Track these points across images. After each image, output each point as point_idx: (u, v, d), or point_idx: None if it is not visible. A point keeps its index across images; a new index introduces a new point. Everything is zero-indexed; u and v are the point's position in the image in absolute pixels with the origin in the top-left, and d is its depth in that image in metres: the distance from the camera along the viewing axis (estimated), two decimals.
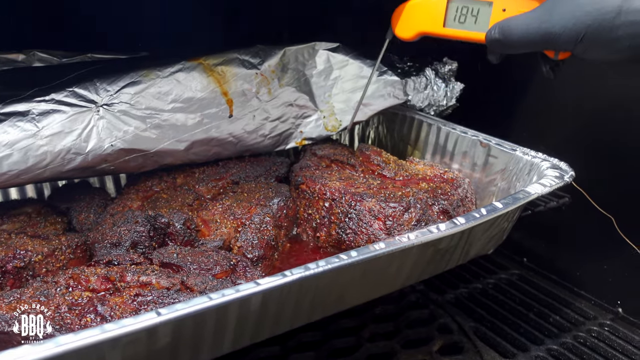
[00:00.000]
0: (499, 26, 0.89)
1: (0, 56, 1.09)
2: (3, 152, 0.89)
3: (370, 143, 1.51)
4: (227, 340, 0.74)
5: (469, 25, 0.97)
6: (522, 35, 0.86)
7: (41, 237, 0.91)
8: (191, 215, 0.97)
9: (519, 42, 0.87)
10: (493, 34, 0.90)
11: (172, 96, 1.05)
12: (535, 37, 0.84)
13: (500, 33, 0.89)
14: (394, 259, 0.82)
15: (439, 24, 1.00)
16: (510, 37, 0.87)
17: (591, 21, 0.77)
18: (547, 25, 0.82)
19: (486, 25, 0.94)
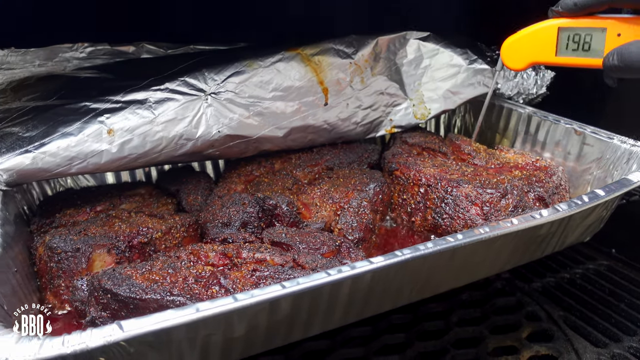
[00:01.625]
0: (617, 52, 0.86)
1: (114, 48, 1.18)
2: (125, 137, 0.97)
3: (456, 132, 1.52)
4: (337, 316, 0.78)
5: (582, 52, 0.97)
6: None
7: (157, 216, 0.99)
8: (292, 199, 1.02)
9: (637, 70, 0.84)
10: (611, 61, 0.87)
11: (272, 85, 1.11)
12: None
13: (620, 60, 0.86)
14: (495, 243, 0.84)
15: (551, 53, 1.01)
16: (631, 64, 0.84)
17: None
18: None
19: (601, 51, 0.94)
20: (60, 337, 0.59)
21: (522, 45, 1.04)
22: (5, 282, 0.72)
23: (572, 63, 0.99)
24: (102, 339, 0.59)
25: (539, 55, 1.02)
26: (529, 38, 1.02)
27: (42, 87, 1.03)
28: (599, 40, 0.94)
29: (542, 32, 1.01)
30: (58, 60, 1.13)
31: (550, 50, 1.00)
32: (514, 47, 1.05)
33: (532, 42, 1.02)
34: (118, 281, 0.75)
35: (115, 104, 0.99)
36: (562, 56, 1.00)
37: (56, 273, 0.85)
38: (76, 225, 0.94)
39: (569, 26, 0.97)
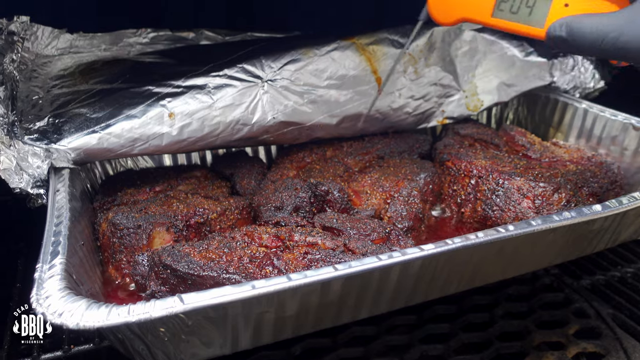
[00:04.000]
0: (566, 24, 0.76)
1: (175, 34, 1.22)
2: (185, 121, 1.01)
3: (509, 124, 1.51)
4: (385, 301, 0.80)
5: (522, 16, 0.84)
6: (594, 41, 0.73)
7: (212, 198, 1.02)
8: (343, 186, 1.04)
9: (589, 47, 0.75)
10: (558, 32, 0.77)
11: (327, 73, 1.13)
12: (610, 48, 0.72)
13: (569, 33, 0.76)
14: (546, 237, 0.84)
15: (486, 12, 0.87)
16: (579, 39, 0.75)
17: None
18: (628, 39, 0.70)
19: (542, 19, 0.82)
20: (126, 306, 0.63)
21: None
22: (74, 253, 0.77)
23: (507, 27, 0.86)
24: (165, 310, 0.62)
25: (473, 11, 0.88)
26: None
27: (108, 71, 1.08)
28: (543, 6, 0.82)
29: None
30: (122, 45, 1.18)
31: (486, 8, 0.87)
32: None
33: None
34: (177, 258, 0.79)
35: (177, 88, 1.03)
36: (498, 17, 0.86)
37: (118, 248, 0.90)
38: (137, 204, 0.98)
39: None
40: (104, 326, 0.61)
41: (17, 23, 1.06)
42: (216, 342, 0.71)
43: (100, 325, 0.61)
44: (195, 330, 0.67)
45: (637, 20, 0.69)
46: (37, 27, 1.10)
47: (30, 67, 1.08)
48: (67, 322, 0.61)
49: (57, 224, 0.81)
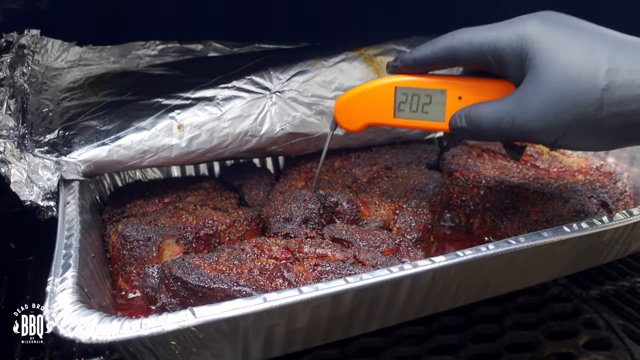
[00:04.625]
0: (465, 115, 0.79)
1: (183, 46, 1.23)
2: (193, 133, 1.01)
3: None
4: (395, 313, 0.80)
5: (422, 114, 0.86)
6: (494, 128, 0.75)
7: (221, 209, 1.03)
8: (352, 197, 1.04)
9: (490, 133, 0.77)
10: (459, 123, 0.80)
11: (335, 84, 1.13)
12: (508, 131, 0.74)
13: (469, 123, 0.79)
14: (556, 248, 0.84)
15: (388, 114, 0.89)
16: (480, 127, 0.77)
17: (571, 118, 0.68)
18: (521, 122, 0.72)
19: (442, 114, 0.85)
20: (138, 320, 0.63)
21: (356, 104, 0.91)
22: (85, 266, 0.77)
23: (411, 125, 0.88)
24: (177, 324, 0.62)
25: (376, 116, 0.90)
26: (364, 97, 0.90)
27: (117, 83, 1.09)
28: (439, 102, 0.84)
29: (378, 90, 0.88)
30: (131, 57, 1.19)
31: (387, 111, 0.88)
32: (348, 106, 0.92)
33: (368, 101, 0.90)
34: (188, 270, 0.79)
35: (186, 100, 1.03)
36: (400, 118, 0.88)
37: (128, 260, 0.90)
38: (146, 216, 0.99)
39: (407, 85, 0.86)
40: (117, 340, 0.61)
41: (28, 36, 1.07)
42: (227, 355, 0.71)
43: (113, 339, 0.61)
44: (207, 344, 0.67)
45: (522, 105, 0.72)
46: (47, 40, 1.11)
47: (40, 80, 1.08)
48: (80, 336, 0.62)
49: (68, 236, 0.81)
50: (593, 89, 0.67)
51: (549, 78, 0.69)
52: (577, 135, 0.70)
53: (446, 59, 0.80)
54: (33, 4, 0.97)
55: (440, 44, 0.80)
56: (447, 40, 0.79)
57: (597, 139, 0.71)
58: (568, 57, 0.69)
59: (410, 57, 0.84)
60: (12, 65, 1.03)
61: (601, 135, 0.70)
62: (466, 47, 0.77)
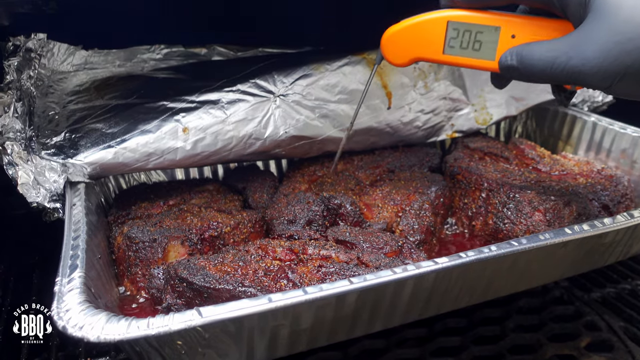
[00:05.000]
0: (517, 53, 0.78)
1: (188, 50, 1.24)
2: (198, 136, 1.02)
3: (518, 137, 1.52)
4: (399, 314, 0.80)
5: (472, 51, 0.86)
6: (545, 68, 0.74)
7: (225, 211, 1.03)
8: (355, 199, 1.05)
9: (540, 74, 0.75)
10: (509, 61, 0.79)
11: (338, 88, 1.14)
12: (561, 72, 0.72)
13: (519, 61, 0.77)
14: (558, 250, 0.85)
15: (437, 49, 0.88)
16: (531, 68, 0.76)
17: (632, 61, 0.67)
18: (576, 62, 0.70)
19: (492, 52, 0.84)
20: (145, 320, 0.64)
21: (405, 37, 0.89)
22: (92, 267, 0.78)
23: (460, 63, 0.87)
24: (183, 323, 0.63)
25: (425, 50, 0.88)
26: (414, 30, 0.88)
27: (123, 87, 1.10)
28: (492, 39, 0.83)
29: (429, 24, 0.87)
30: (136, 60, 1.20)
31: (437, 46, 0.87)
32: (397, 39, 0.90)
33: (417, 34, 0.88)
34: (193, 271, 0.80)
35: (190, 103, 1.04)
36: (449, 54, 0.87)
37: (134, 261, 0.91)
38: (151, 218, 1.00)
39: (460, 20, 0.85)
40: (124, 339, 0.62)
41: (35, 40, 1.08)
42: (232, 355, 0.72)
43: (121, 338, 0.62)
44: (212, 344, 0.68)
45: (581, 45, 0.70)
46: (53, 44, 1.12)
47: (47, 83, 1.09)
48: (88, 335, 0.62)
49: (75, 237, 0.82)
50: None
51: (613, 19, 0.67)
52: (633, 81, 0.69)
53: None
54: (40, 8, 0.98)
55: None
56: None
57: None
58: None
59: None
60: (19, 69, 1.05)
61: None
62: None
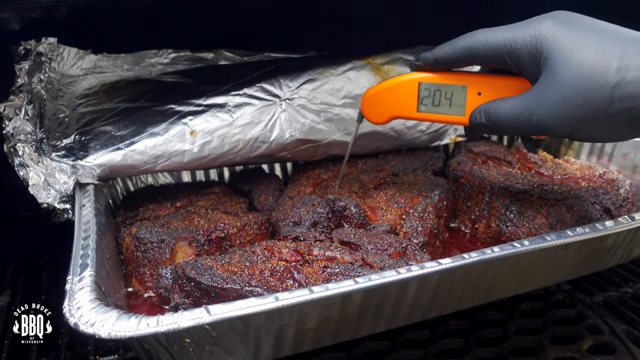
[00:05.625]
0: (484, 111, 0.84)
1: (195, 54, 1.26)
2: (205, 139, 1.04)
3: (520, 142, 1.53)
4: (402, 314, 0.81)
5: (443, 108, 0.91)
6: (511, 124, 0.80)
7: (231, 213, 1.05)
8: (359, 202, 1.07)
9: (508, 129, 0.81)
10: (479, 119, 0.85)
11: (343, 92, 1.16)
12: (527, 126, 0.78)
13: (487, 119, 0.83)
14: (560, 252, 0.86)
15: (412, 108, 0.93)
16: (498, 123, 0.82)
17: (584, 113, 0.72)
18: (537, 118, 0.76)
19: (462, 108, 0.89)
20: (155, 317, 0.65)
21: (382, 98, 0.96)
22: (101, 266, 0.79)
23: (434, 119, 0.93)
24: (192, 321, 0.65)
25: (400, 109, 0.94)
26: (390, 91, 0.95)
27: (131, 90, 1.12)
28: (460, 97, 0.89)
29: (403, 85, 0.93)
30: (144, 65, 1.21)
31: (411, 105, 0.93)
32: (374, 100, 0.96)
33: (393, 95, 0.94)
34: (201, 271, 0.81)
35: (198, 107, 1.06)
36: (423, 112, 0.92)
37: (142, 262, 0.93)
38: (159, 219, 1.01)
39: (430, 81, 0.91)
40: (134, 336, 0.64)
41: (45, 44, 1.10)
42: (238, 353, 0.73)
43: (131, 335, 0.63)
44: (219, 342, 0.69)
45: (539, 102, 0.76)
46: (63, 48, 1.14)
47: (57, 87, 1.11)
48: (100, 332, 0.64)
49: (85, 237, 0.84)
50: (604, 86, 0.70)
51: (562, 76, 0.73)
52: (590, 128, 0.74)
53: (465, 58, 0.84)
54: (51, 13, 1.00)
55: (459, 44, 0.84)
56: (466, 40, 0.83)
57: (610, 131, 0.74)
58: (580, 56, 0.72)
59: (432, 56, 0.88)
60: (30, 72, 1.06)
61: (613, 128, 0.73)
62: (484, 47, 0.80)
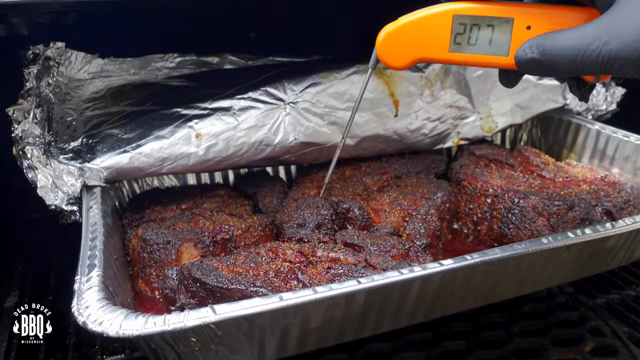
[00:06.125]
0: (537, 44, 0.69)
1: (200, 59, 1.27)
2: (211, 142, 1.05)
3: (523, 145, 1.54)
4: (405, 315, 0.83)
5: (482, 47, 0.76)
6: (575, 57, 0.66)
7: (236, 215, 1.06)
8: (363, 204, 1.08)
9: (569, 65, 0.67)
10: (530, 54, 0.70)
11: (347, 96, 1.17)
12: (594, 60, 0.64)
13: (542, 53, 0.68)
14: (561, 253, 0.87)
15: (443, 47, 0.78)
16: (557, 58, 0.67)
17: None
18: (613, 47, 0.63)
19: (506, 47, 0.75)
20: (161, 316, 0.66)
21: (404, 36, 0.79)
22: (109, 267, 0.81)
23: (469, 61, 0.78)
24: (198, 320, 0.66)
25: (428, 49, 0.78)
26: (414, 27, 0.78)
27: (138, 94, 1.13)
28: (504, 33, 0.74)
29: (432, 19, 0.77)
30: (150, 69, 1.23)
31: (442, 43, 0.77)
32: (395, 38, 0.80)
33: (419, 32, 0.78)
34: (206, 272, 0.82)
35: (203, 110, 1.07)
36: (457, 52, 0.78)
37: (148, 263, 0.94)
38: (165, 221, 1.02)
39: (467, 13, 0.75)
40: (141, 335, 0.65)
41: (53, 49, 1.12)
42: (243, 353, 0.74)
43: (138, 334, 0.65)
44: (225, 341, 0.70)
45: (617, 28, 0.63)
46: (70, 53, 1.16)
47: (64, 90, 1.13)
48: (108, 331, 0.65)
49: (92, 238, 0.85)
50: None
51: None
52: None
53: None
54: (60, 18, 1.02)
55: None
56: None
57: None
58: None
59: None
60: (39, 76, 1.08)
61: None
62: None
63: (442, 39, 0.78)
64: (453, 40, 0.77)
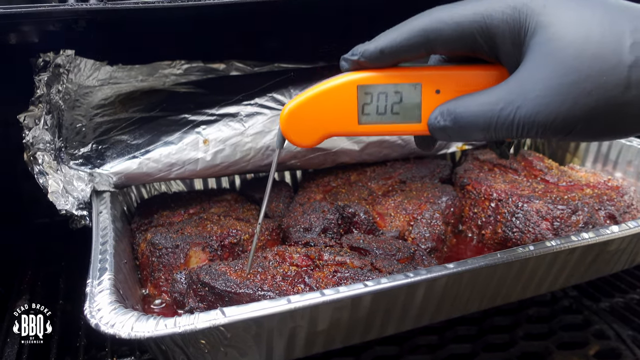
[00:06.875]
0: (447, 111, 0.65)
1: (207, 65, 1.29)
2: (218, 147, 1.07)
3: (526, 150, 1.55)
4: (411, 317, 0.84)
5: (392, 116, 0.71)
6: (488, 123, 0.61)
7: (243, 220, 1.08)
8: (368, 208, 1.09)
9: (482, 131, 0.62)
10: (441, 123, 0.65)
11: None
12: (509, 126, 0.60)
13: (454, 121, 0.64)
14: (564, 257, 0.88)
15: (351, 120, 0.72)
16: (469, 125, 0.63)
17: (594, 103, 0.56)
18: (527, 111, 0.58)
19: (417, 113, 0.70)
20: (172, 319, 0.68)
21: (309, 112, 0.72)
22: (119, 270, 0.82)
23: (380, 131, 0.72)
24: (208, 322, 0.67)
25: (335, 124, 0.72)
26: (318, 102, 0.72)
27: (146, 100, 1.15)
28: (413, 99, 0.69)
29: (335, 92, 0.71)
30: (158, 75, 1.25)
31: (350, 116, 0.71)
32: (299, 115, 0.73)
33: (324, 107, 0.72)
34: (215, 276, 0.84)
35: (211, 116, 1.09)
36: (366, 124, 0.72)
37: (157, 267, 0.95)
38: (173, 225, 1.04)
39: (371, 83, 0.70)
40: (153, 336, 0.66)
41: (63, 56, 1.14)
42: (252, 355, 0.75)
43: (150, 336, 0.66)
44: (234, 343, 0.72)
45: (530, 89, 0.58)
46: (80, 60, 1.17)
47: (74, 97, 1.15)
48: (120, 332, 0.66)
49: (103, 243, 0.87)
50: (619, 67, 0.55)
51: (560, 55, 0.57)
52: (598, 122, 0.58)
53: (422, 45, 0.65)
54: (70, 26, 1.04)
55: (413, 28, 0.65)
56: (422, 21, 0.64)
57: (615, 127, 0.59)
58: (584, 30, 0.57)
59: (375, 47, 0.67)
60: (49, 83, 1.10)
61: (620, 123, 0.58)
62: (448, 27, 0.63)
63: (349, 111, 0.72)
64: (361, 111, 0.71)
